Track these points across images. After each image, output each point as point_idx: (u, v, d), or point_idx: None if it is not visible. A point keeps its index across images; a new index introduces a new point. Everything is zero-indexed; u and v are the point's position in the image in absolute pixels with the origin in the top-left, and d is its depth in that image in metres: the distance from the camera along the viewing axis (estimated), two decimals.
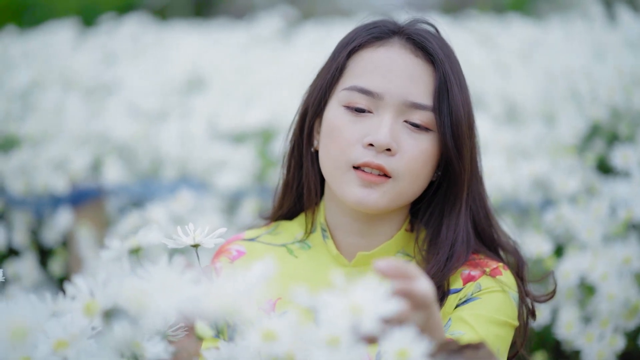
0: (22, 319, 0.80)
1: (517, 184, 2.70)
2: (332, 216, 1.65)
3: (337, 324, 0.97)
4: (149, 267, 1.09)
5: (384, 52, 1.58)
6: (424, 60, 1.57)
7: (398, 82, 1.55)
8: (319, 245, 1.66)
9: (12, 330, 0.78)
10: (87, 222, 3.09)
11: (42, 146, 3.25)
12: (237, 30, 5.05)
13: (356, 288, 0.98)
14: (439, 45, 1.59)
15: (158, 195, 3.07)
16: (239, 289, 0.92)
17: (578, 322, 2.30)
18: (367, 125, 1.55)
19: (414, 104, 1.54)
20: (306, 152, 1.66)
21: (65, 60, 4.20)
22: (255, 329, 1.01)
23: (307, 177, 1.66)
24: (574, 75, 3.23)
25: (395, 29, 1.61)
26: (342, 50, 1.62)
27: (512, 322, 1.57)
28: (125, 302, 0.86)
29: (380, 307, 0.97)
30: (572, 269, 2.32)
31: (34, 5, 7.84)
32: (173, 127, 3.33)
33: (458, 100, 1.56)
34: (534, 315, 1.65)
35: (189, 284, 0.97)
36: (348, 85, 1.57)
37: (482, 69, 3.64)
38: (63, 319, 1.09)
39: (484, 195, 1.67)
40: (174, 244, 1.27)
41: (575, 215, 2.43)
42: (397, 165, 1.53)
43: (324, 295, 0.99)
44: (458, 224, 1.60)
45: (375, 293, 0.98)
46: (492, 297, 1.56)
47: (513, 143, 2.95)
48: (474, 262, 1.61)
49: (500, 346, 1.54)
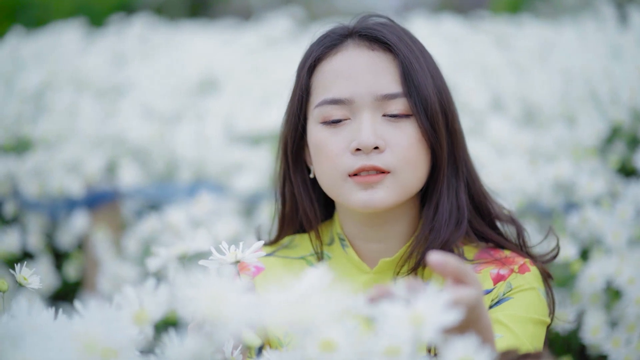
0: (103, 336, 0.77)
1: (540, 187, 2.67)
2: (347, 226, 1.64)
3: (398, 334, 0.94)
4: (200, 276, 1.07)
5: (341, 58, 1.58)
6: (382, 50, 1.57)
7: (363, 81, 1.55)
8: (339, 255, 1.65)
9: (102, 351, 0.74)
10: (102, 225, 3.06)
11: (56, 148, 3.23)
12: (246, 31, 5.02)
13: (417, 298, 0.96)
14: (391, 32, 1.59)
15: (174, 198, 3.04)
16: (309, 297, 0.89)
17: (604, 327, 2.27)
18: (349, 132, 1.55)
19: (385, 95, 1.54)
20: (296, 181, 1.66)
21: (74, 61, 4.17)
22: (314, 338, 0.98)
23: (302, 206, 1.66)
24: (592, 76, 3.21)
25: (345, 32, 1.61)
26: (301, 71, 1.62)
27: (545, 319, 1.56)
28: (200, 312, 0.83)
29: (441, 317, 0.95)
30: (598, 273, 2.29)
31: (29, 5, 7.80)
32: (188, 129, 3.31)
33: (423, 79, 1.55)
34: (550, 277, 1.64)
35: (247, 294, 0.94)
36: (318, 102, 1.57)
37: (498, 71, 3.62)
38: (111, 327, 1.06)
39: (473, 169, 1.66)
40: (216, 264, 1.23)
41: (600, 219, 2.41)
42: (390, 160, 1.53)
43: (384, 305, 0.97)
44: (449, 196, 1.59)
45: (436, 303, 0.96)
46: (524, 295, 1.55)
47: (533, 145, 2.93)
48: (500, 259, 1.60)
49: (535, 344, 1.53)
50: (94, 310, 0.87)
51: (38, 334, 0.74)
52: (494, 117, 3.13)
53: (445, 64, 3.58)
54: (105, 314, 0.81)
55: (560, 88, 3.29)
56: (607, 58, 3.40)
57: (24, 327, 0.77)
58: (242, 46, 4.51)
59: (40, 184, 3.10)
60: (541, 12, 5.99)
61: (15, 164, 3.12)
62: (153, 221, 2.77)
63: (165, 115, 3.56)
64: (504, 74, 3.57)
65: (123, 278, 2.84)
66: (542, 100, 3.24)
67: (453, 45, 3.91)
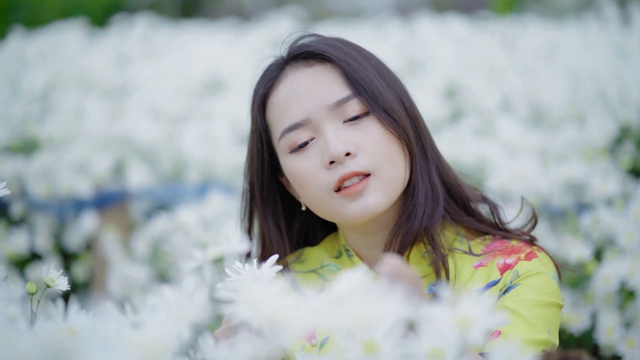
0: (157, 340, 0.76)
1: (551, 188, 2.67)
2: (350, 238, 1.66)
3: (443, 336, 0.94)
4: (235, 278, 1.06)
5: (284, 85, 1.60)
6: (319, 63, 1.59)
7: (311, 97, 1.56)
8: (348, 265, 1.66)
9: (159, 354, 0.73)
10: (111, 225, 3.06)
11: (63, 149, 3.21)
12: (247, 31, 5.02)
13: (462, 301, 0.95)
14: (322, 43, 1.61)
15: (182, 198, 3.04)
16: (350, 300, 0.89)
17: (619, 328, 2.27)
18: (318, 149, 1.56)
19: (337, 102, 1.55)
20: (265, 221, 1.66)
21: (78, 62, 4.16)
22: (356, 340, 0.98)
23: (271, 243, 1.66)
24: (599, 76, 3.21)
25: (282, 61, 1.63)
26: (254, 113, 1.64)
27: (558, 301, 1.55)
28: (259, 317, 0.82)
29: (487, 320, 0.94)
30: (612, 274, 2.29)
31: (21, 5, 7.78)
32: (195, 129, 3.30)
33: (367, 76, 1.57)
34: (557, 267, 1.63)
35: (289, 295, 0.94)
36: (279, 134, 1.59)
37: (505, 71, 3.62)
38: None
39: (440, 154, 1.67)
40: (237, 281, 1.20)
41: (613, 219, 2.41)
42: (366, 161, 1.54)
43: (427, 308, 0.97)
44: (423, 180, 1.59)
45: (482, 306, 0.95)
46: (532, 280, 1.55)
47: (542, 146, 2.93)
48: (507, 249, 1.60)
49: (550, 327, 1.52)
50: (148, 314, 0.86)
51: (96, 340, 0.73)
52: (502, 118, 3.13)
53: (452, 64, 3.60)
54: (159, 317, 0.80)
55: (568, 88, 3.29)
56: (612, 58, 3.41)
57: (84, 332, 0.76)
58: (245, 46, 4.50)
59: (48, 184, 3.09)
60: (539, 12, 6.00)
61: (23, 165, 3.11)
62: (164, 222, 2.76)
63: (171, 115, 3.55)
64: (511, 74, 3.57)
65: (133, 279, 2.83)
66: (550, 100, 3.24)
67: (459, 46, 3.90)
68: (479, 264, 1.60)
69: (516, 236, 1.64)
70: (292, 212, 1.70)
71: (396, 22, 4.28)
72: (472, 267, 1.60)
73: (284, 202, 1.69)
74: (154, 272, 2.87)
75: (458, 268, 1.60)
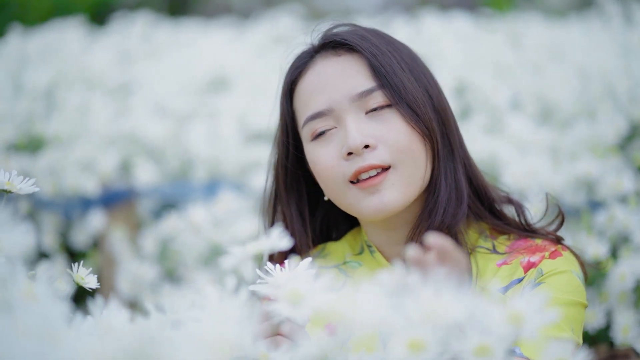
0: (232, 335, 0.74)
1: (563, 185, 2.65)
2: (371, 234, 1.65)
3: (496, 332, 0.92)
4: (276, 273, 1.05)
5: (312, 74, 1.60)
6: (348, 53, 1.59)
7: (336, 87, 1.56)
8: (369, 262, 1.65)
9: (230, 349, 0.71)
10: (119, 223, 3.03)
11: (69, 147, 3.19)
12: (248, 29, 4.99)
13: (513, 297, 0.94)
14: (353, 34, 1.61)
15: (190, 196, 3.02)
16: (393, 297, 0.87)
17: (635, 326, 2.26)
18: (338, 139, 1.55)
19: (360, 94, 1.55)
20: (289, 209, 1.67)
21: (80, 60, 4.13)
22: (401, 337, 0.96)
23: (293, 231, 1.66)
24: (607, 73, 3.20)
25: (312, 50, 1.64)
26: (282, 100, 1.65)
27: (581, 300, 1.54)
28: (325, 313, 0.80)
29: (541, 316, 0.93)
30: (628, 272, 2.28)
31: (7, 4, 7.73)
32: (201, 127, 3.28)
33: (394, 68, 1.57)
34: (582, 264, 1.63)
35: None
36: (302, 122, 1.59)
37: (512, 69, 3.61)
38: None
39: (468, 153, 1.66)
40: (269, 290, 1.16)
41: (627, 217, 2.40)
42: (385, 154, 1.53)
43: (477, 303, 0.95)
44: (447, 177, 1.58)
45: (534, 302, 0.94)
46: (555, 278, 1.54)
47: (552, 143, 2.91)
48: (531, 247, 1.59)
49: (573, 326, 1.51)
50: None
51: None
52: (512, 115, 3.11)
53: (459, 62, 3.59)
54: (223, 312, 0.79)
55: (577, 86, 3.28)
56: (617, 56, 3.40)
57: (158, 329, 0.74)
58: (249, 44, 4.48)
59: (55, 182, 3.06)
60: (539, 10, 5.99)
61: (29, 163, 3.08)
62: (174, 220, 2.75)
63: (176, 113, 3.53)
64: (518, 71, 3.56)
65: (141, 278, 2.81)
66: (559, 98, 3.23)
67: (464, 43, 3.89)
68: (503, 262, 1.59)
69: (542, 235, 1.63)
70: (315, 203, 1.70)
71: (401, 20, 4.26)
72: (496, 265, 1.59)
73: (309, 192, 1.68)
74: (162, 271, 2.85)
75: (481, 266, 1.59)
